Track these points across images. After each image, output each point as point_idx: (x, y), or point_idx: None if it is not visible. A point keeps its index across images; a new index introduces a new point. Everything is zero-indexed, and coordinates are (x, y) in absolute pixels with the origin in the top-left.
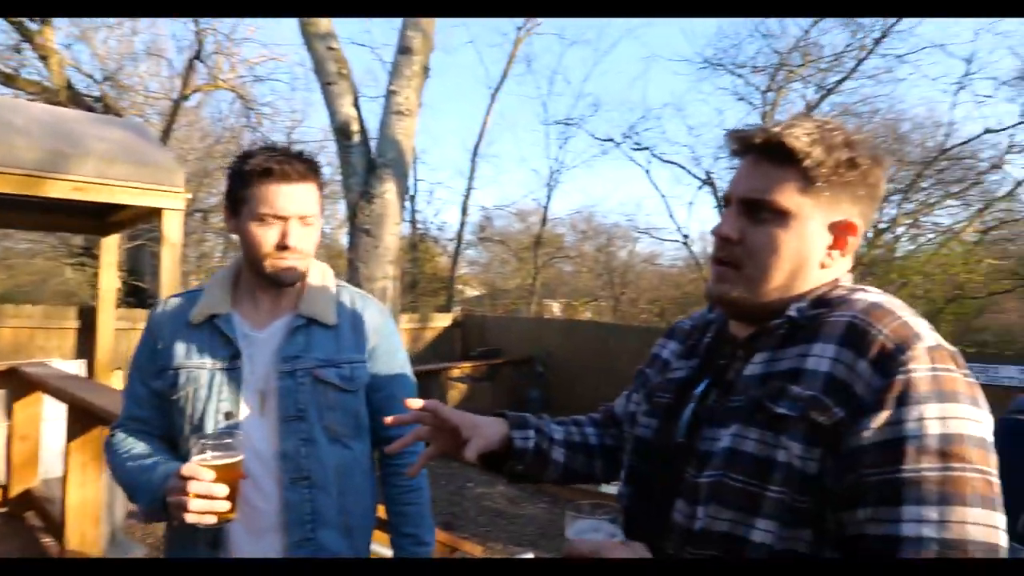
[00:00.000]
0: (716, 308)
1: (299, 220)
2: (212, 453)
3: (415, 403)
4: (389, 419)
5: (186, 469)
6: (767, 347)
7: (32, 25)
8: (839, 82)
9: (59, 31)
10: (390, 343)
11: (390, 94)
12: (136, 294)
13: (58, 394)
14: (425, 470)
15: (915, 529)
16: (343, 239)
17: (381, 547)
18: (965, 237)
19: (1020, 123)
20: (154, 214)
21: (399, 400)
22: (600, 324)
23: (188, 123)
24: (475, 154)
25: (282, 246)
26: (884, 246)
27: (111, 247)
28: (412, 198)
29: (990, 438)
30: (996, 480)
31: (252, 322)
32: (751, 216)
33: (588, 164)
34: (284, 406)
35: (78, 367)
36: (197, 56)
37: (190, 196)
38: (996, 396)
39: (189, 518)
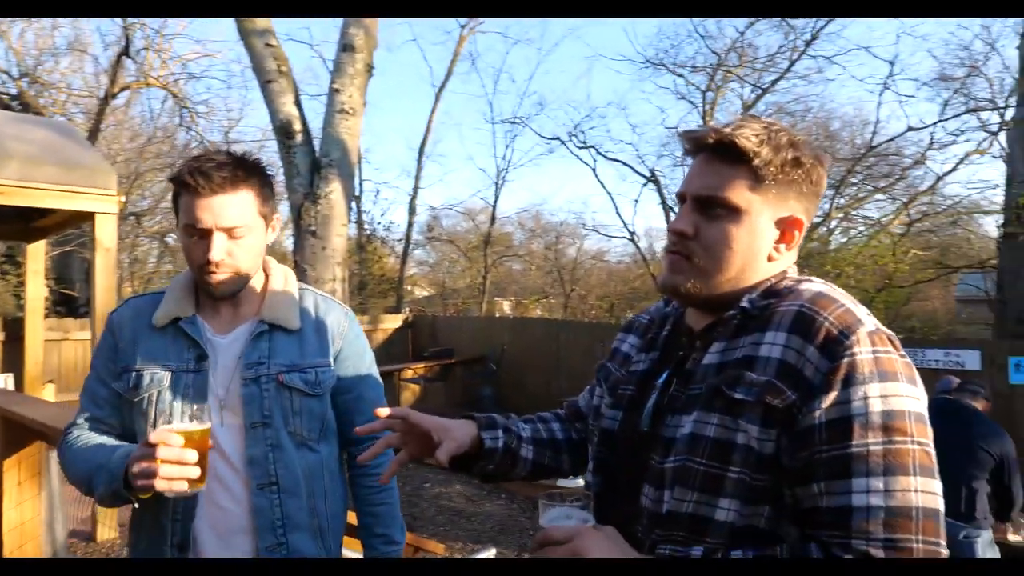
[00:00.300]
0: (671, 299)
1: (225, 232)
2: (179, 422)
3: (384, 411)
4: (359, 428)
5: (155, 436)
6: (722, 337)
7: None
8: (774, 82)
9: None
10: (356, 346)
11: (333, 92)
12: (66, 303)
13: None
14: (395, 478)
15: (864, 499)
16: (288, 241)
17: (351, 552)
18: (892, 229)
19: (939, 121)
20: (85, 218)
21: (367, 402)
22: (550, 321)
23: (116, 123)
24: (421, 153)
25: (206, 261)
26: (819, 239)
27: (37, 254)
28: (358, 198)
29: (926, 413)
30: (933, 450)
31: (214, 328)
32: (705, 212)
33: (535, 162)
34: (249, 412)
35: (4, 381)
36: (125, 52)
37: (123, 198)
38: (924, 378)
39: (159, 485)
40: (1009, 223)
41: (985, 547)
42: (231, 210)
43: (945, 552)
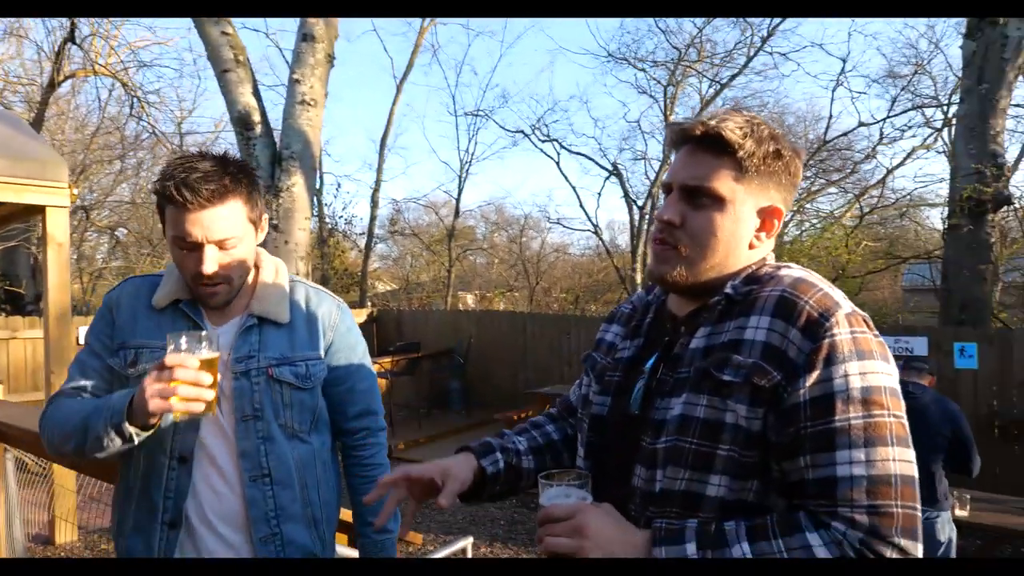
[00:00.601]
0: (654, 287)
1: (215, 245)
2: (187, 349)
3: (384, 479)
4: (367, 498)
5: (171, 358)
6: (707, 322)
7: None
8: (732, 77)
9: None
10: (348, 338)
11: (293, 83)
12: (12, 300)
13: None
14: (388, 461)
15: (847, 470)
16: None
17: (344, 548)
18: (845, 222)
19: (888, 117)
20: (34, 212)
21: (359, 393)
22: (516, 314)
23: (60, 112)
24: (383, 146)
25: (196, 274)
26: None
27: None
28: (319, 192)
29: (899, 388)
30: (906, 422)
31: (211, 319)
32: (691, 202)
33: (499, 155)
34: (240, 406)
35: None
36: (70, 38)
37: (76, 192)
38: None
39: (178, 405)
40: (954, 215)
41: (945, 525)
42: (221, 223)
43: (920, 514)
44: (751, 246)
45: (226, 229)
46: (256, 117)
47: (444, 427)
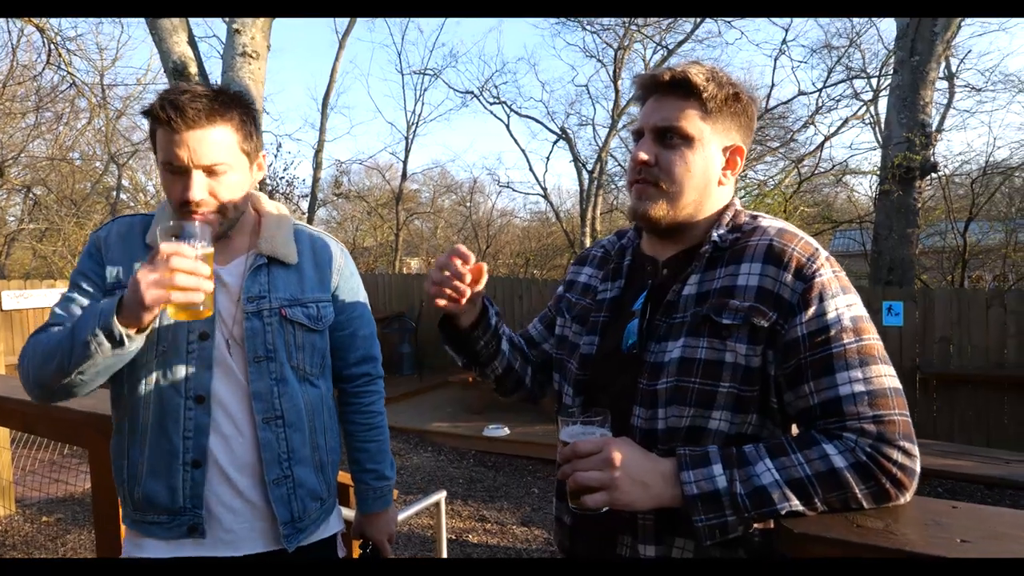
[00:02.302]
0: (634, 231)
1: (203, 170)
2: (181, 240)
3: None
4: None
5: (167, 246)
6: (697, 269)
7: None
8: (679, 43)
9: None
10: (351, 282)
11: (233, 33)
12: None
13: None
14: (385, 416)
15: (849, 388)
16: None
17: (347, 510)
18: (783, 188)
19: (824, 88)
20: None
21: (361, 339)
22: None
23: None
24: (325, 105)
25: (183, 201)
26: None
27: None
28: None
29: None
30: (882, 343)
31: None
32: (663, 142)
33: (446, 117)
34: (253, 346)
35: None
36: None
37: None
38: None
39: (176, 296)
40: (885, 181)
41: None
42: (209, 147)
43: (910, 419)
44: (720, 183)
45: (214, 154)
46: (193, 69)
47: (396, 390)
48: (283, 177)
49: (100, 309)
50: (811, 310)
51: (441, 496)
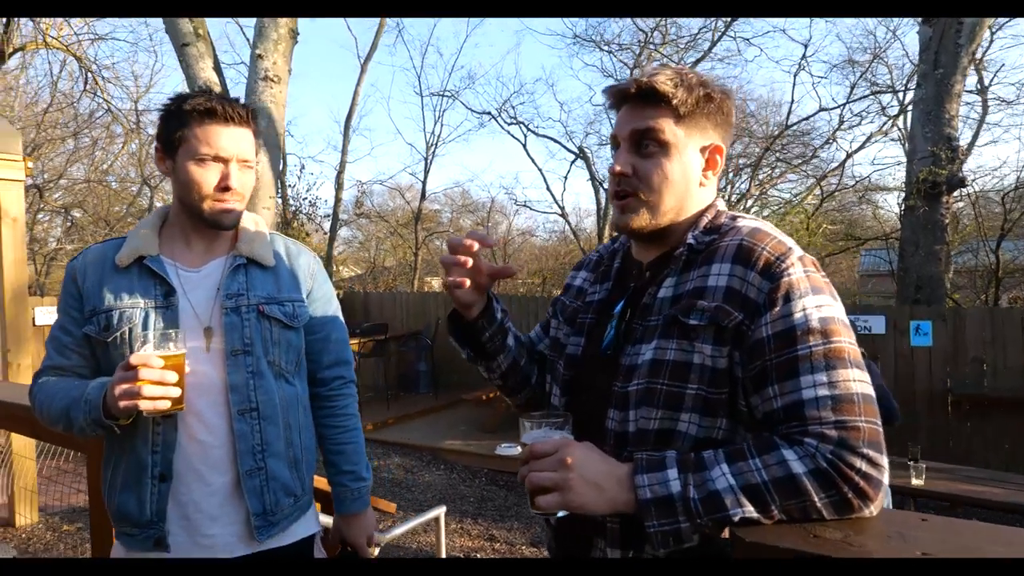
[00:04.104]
0: (625, 236)
1: (239, 163)
2: (154, 347)
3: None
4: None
5: (136, 358)
6: (673, 272)
7: None
8: (696, 62)
9: None
10: (324, 289)
11: (256, 58)
12: None
13: None
14: (359, 413)
15: (812, 392)
16: None
17: (325, 517)
18: (805, 206)
19: (847, 103)
20: None
21: (334, 342)
22: None
23: (6, 87)
24: (347, 127)
25: (224, 187)
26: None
27: None
28: (282, 173)
29: (847, 320)
30: (858, 347)
31: (185, 263)
32: (638, 151)
33: (464, 138)
34: (231, 340)
35: None
36: None
37: (31, 165)
38: None
39: (144, 405)
40: (910, 196)
41: None
42: (247, 143)
43: (882, 429)
44: (701, 184)
45: (248, 151)
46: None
47: (412, 408)
48: (306, 198)
49: (90, 402)
50: (776, 310)
51: (440, 512)
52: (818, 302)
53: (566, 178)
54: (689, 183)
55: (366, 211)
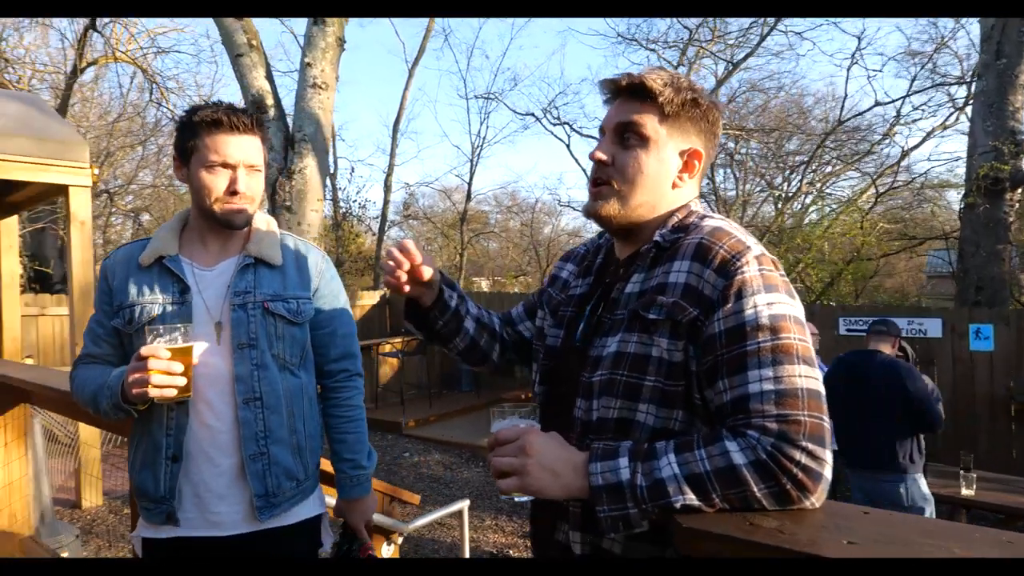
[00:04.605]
0: (594, 222)
1: (247, 168)
2: (164, 340)
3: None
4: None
5: (145, 350)
6: (641, 268)
7: None
8: (745, 57)
9: None
10: (332, 286)
11: (305, 66)
12: (41, 280)
13: None
14: (364, 405)
15: (758, 386)
16: None
17: (331, 498)
18: (861, 204)
19: (907, 95)
20: (58, 192)
21: (340, 336)
22: (528, 295)
23: (83, 99)
24: (395, 130)
25: (232, 191)
26: (794, 215)
27: (10, 229)
28: (332, 176)
29: (803, 318)
30: (811, 346)
31: (201, 262)
32: (620, 143)
33: (510, 139)
34: (237, 335)
35: None
36: (92, 26)
37: (97, 172)
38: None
39: (152, 392)
40: (970, 194)
41: (913, 491)
42: (253, 150)
43: (829, 424)
44: (674, 185)
45: (255, 156)
46: (269, 100)
47: (453, 406)
48: (355, 200)
49: (111, 388)
50: (729, 306)
51: (463, 505)
52: (770, 299)
53: None
54: (662, 181)
55: (414, 212)
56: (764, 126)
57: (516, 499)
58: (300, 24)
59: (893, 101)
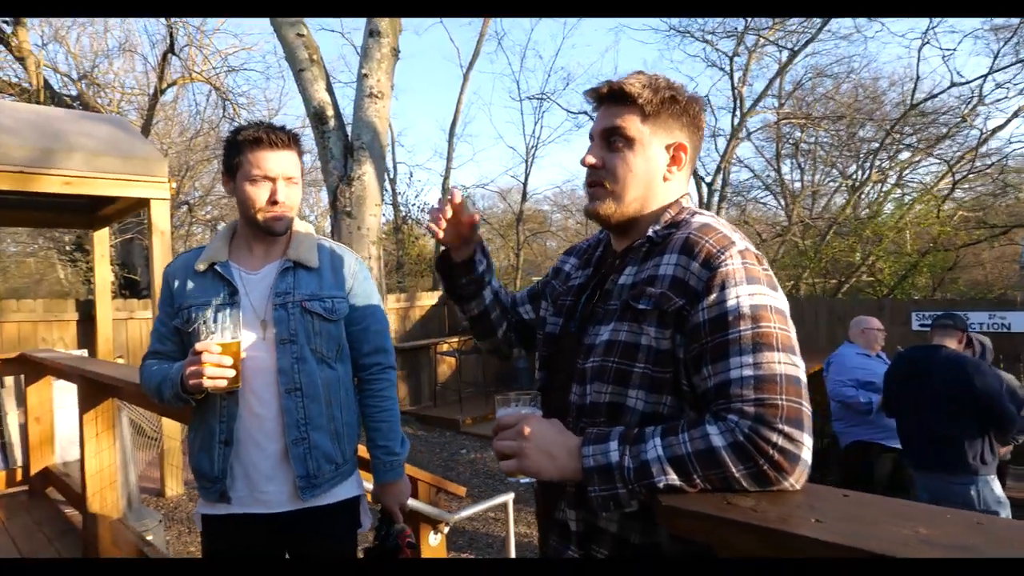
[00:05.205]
0: (594, 221)
1: (285, 180)
2: (216, 337)
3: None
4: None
5: (199, 345)
6: (633, 261)
7: (6, 27)
8: (806, 43)
9: (32, 31)
10: (365, 286)
11: (362, 77)
12: (130, 286)
13: (68, 373)
14: (396, 396)
15: (739, 372)
16: (327, 226)
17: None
18: (937, 191)
19: (990, 73)
20: (142, 205)
21: (372, 332)
22: None
23: (166, 117)
24: (452, 134)
25: (272, 201)
26: (870, 205)
27: (102, 240)
28: (392, 181)
29: (786, 310)
30: (794, 336)
31: (247, 267)
32: (608, 146)
33: (564, 139)
34: (279, 331)
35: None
36: (170, 50)
37: (174, 185)
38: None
39: (205, 383)
40: None
41: (985, 493)
42: (290, 164)
43: (808, 410)
44: (665, 179)
45: (292, 169)
46: (330, 112)
47: None
48: (414, 204)
49: (172, 380)
50: (712, 297)
51: (508, 498)
52: (751, 291)
53: None
54: (652, 176)
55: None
56: (834, 113)
57: (520, 481)
58: (359, 36)
59: (971, 81)
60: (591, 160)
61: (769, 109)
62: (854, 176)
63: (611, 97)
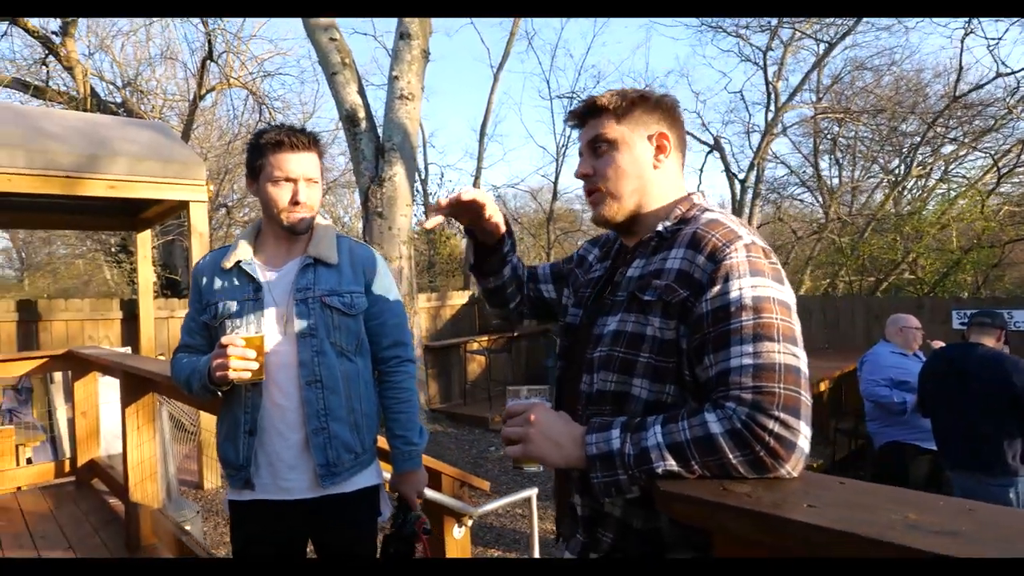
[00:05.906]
0: (601, 226)
1: (305, 181)
2: (241, 331)
3: (443, 201)
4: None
5: (225, 339)
6: (642, 255)
7: (55, 38)
8: (843, 36)
9: (80, 42)
10: (383, 281)
11: (393, 79)
12: (171, 286)
13: (112, 368)
14: (415, 388)
15: (738, 361)
16: (360, 227)
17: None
18: (981, 186)
19: None
20: (181, 207)
21: (390, 326)
22: None
23: (205, 122)
24: (482, 135)
25: (294, 202)
26: (912, 201)
27: (145, 242)
28: (424, 182)
29: (791, 303)
30: (796, 326)
31: (271, 264)
32: (595, 154)
33: None
34: (300, 325)
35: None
36: (209, 56)
37: (213, 188)
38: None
39: (231, 375)
40: None
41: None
42: (311, 165)
43: (807, 399)
44: (655, 167)
45: (313, 171)
46: (361, 114)
47: None
48: None
49: (200, 372)
50: (716, 288)
51: (532, 493)
52: (755, 283)
53: (701, 170)
54: (642, 168)
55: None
56: (874, 106)
57: (527, 469)
58: (391, 39)
59: (1018, 71)
60: (583, 171)
61: (806, 104)
62: (896, 171)
63: (587, 113)
